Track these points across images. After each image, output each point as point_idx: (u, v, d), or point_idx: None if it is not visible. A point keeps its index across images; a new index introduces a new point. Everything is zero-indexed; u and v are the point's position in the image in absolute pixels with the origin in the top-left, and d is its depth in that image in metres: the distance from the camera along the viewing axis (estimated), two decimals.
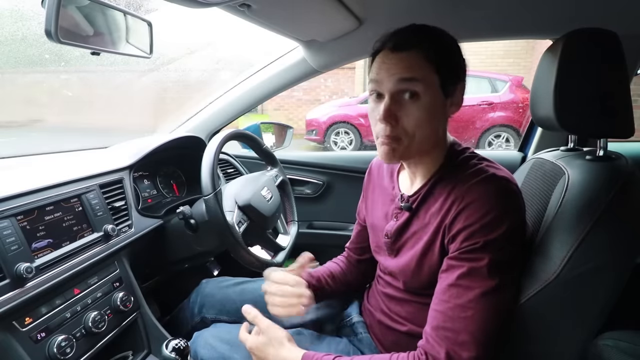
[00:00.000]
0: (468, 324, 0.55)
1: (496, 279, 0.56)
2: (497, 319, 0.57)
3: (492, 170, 0.63)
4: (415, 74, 0.62)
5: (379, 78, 0.65)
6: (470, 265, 0.57)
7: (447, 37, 0.66)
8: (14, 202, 0.71)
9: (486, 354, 0.55)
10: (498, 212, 0.58)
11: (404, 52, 0.63)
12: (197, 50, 5.30)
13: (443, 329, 0.56)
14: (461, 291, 0.57)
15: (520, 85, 5.34)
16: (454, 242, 0.60)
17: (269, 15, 0.94)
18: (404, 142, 0.65)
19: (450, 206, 0.62)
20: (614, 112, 0.62)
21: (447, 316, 0.57)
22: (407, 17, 1.02)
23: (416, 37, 0.64)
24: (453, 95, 0.66)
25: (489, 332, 0.56)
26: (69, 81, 4.31)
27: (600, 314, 0.59)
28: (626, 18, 0.99)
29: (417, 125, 0.63)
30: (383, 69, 0.64)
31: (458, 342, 0.55)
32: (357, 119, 5.96)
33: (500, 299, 0.57)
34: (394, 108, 0.63)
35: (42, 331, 0.69)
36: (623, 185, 0.58)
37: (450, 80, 0.65)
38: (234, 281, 1.08)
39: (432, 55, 0.63)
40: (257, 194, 1.07)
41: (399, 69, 0.63)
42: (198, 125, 1.49)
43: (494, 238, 0.57)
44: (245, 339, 0.74)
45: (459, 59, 0.67)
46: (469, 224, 0.58)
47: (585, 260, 0.57)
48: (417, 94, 0.62)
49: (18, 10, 2.34)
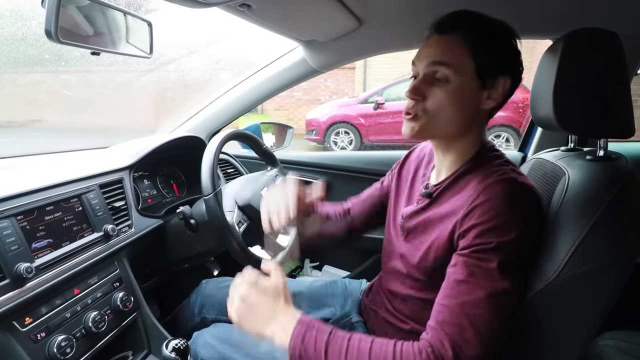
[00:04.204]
0: (475, 322, 0.54)
1: (506, 281, 0.56)
2: (503, 320, 0.56)
3: (514, 175, 0.62)
4: (447, 57, 0.64)
5: (415, 61, 0.69)
6: (482, 264, 0.57)
7: (496, 25, 0.65)
8: (14, 202, 0.71)
9: (489, 353, 0.55)
10: (511, 216, 0.57)
11: (444, 35, 0.65)
12: (197, 50, 5.30)
13: (449, 324, 0.56)
14: (471, 288, 0.56)
15: (520, 85, 5.34)
16: (465, 238, 0.60)
17: (269, 15, 0.94)
18: (421, 120, 0.67)
19: (466, 200, 0.62)
20: (614, 112, 0.62)
21: (454, 312, 0.56)
22: (407, 17, 1.02)
23: (459, 19, 0.65)
24: (492, 88, 0.65)
25: (494, 333, 0.55)
26: (69, 81, 4.31)
27: (601, 313, 0.59)
28: (626, 18, 0.99)
29: (439, 106, 0.65)
30: (421, 52, 0.68)
31: (463, 339, 0.54)
32: (357, 119, 5.96)
33: (508, 300, 0.56)
34: (423, 87, 0.66)
35: (42, 331, 0.69)
36: (623, 185, 0.58)
37: (488, 68, 0.64)
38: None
39: (469, 39, 0.63)
40: (257, 194, 1.07)
41: (433, 52, 0.66)
42: (198, 125, 1.49)
43: (506, 240, 0.56)
44: (238, 284, 0.67)
45: (506, 49, 0.65)
46: (481, 221, 0.58)
47: (585, 260, 0.57)
48: (447, 78, 0.64)
49: (18, 10, 2.34)
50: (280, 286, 0.65)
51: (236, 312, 0.64)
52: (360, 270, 1.52)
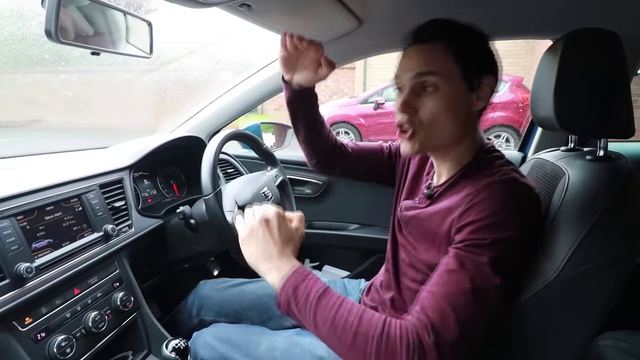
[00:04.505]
0: (458, 311, 0.55)
1: (496, 278, 0.56)
2: (487, 315, 0.56)
3: (515, 175, 0.63)
4: (433, 67, 0.64)
5: (399, 74, 0.68)
6: (474, 257, 0.57)
7: (471, 30, 0.66)
8: (14, 202, 0.71)
9: (469, 344, 0.55)
10: (508, 215, 0.57)
11: (425, 44, 0.65)
12: (197, 50, 5.30)
13: (432, 310, 0.55)
14: (459, 279, 0.56)
15: (520, 85, 5.35)
16: (461, 232, 0.60)
17: (268, 16, 0.94)
18: (420, 134, 0.66)
19: (464, 198, 0.62)
20: (614, 112, 0.62)
21: (439, 299, 0.56)
22: (407, 17, 1.02)
23: (437, 28, 0.65)
24: (479, 89, 0.66)
25: (475, 324, 0.55)
26: (69, 81, 4.31)
27: (601, 313, 0.59)
28: (626, 18, 0.99)
29: (434, 115, 0.65)
30: (403, 64, 0.67)
31: (445, 325, 0.54)
32: (357, 119, 5.97)
33: (494, 296, 0.56)
34: (413, 99, 0.65)
35: (42, 331, 0.69)
36: (623, 185, 0.58)
37: (474, 72, 0.65)
38: (232, 282, 1.07)
39: (453, 45, 0.64)
40: (257, 194, 1.07)
41: (417, 63, 0.65)
42: (198, 125, 1.49)
43: (501, 237, 0.56)
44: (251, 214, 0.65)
45: (485, 51, 0.67)
46: (478, 218, 0.58)
47: (585, 260, 0.57)
48: (436, 86, 0.64)
49: (18, 10, 2.34)
50: (296, 235, 0.65)
51: (248, 230, 0.63)
52: (360, 270, 1.52)
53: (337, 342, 0.55)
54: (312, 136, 0.92)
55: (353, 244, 1.55)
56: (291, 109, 0.89)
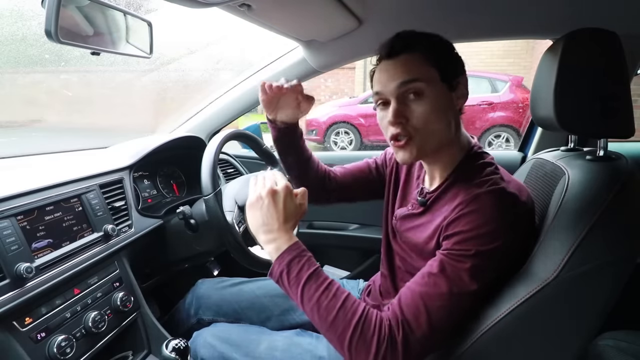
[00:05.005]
0: (431, 312, 0.58)
1: (473, 285, 0.58)
2: (458, 318, 0.60)
3: (503, 185, 0.63)
4: (417, 74, 0.65)
5: (382, 87, 0.68)
6: (455, 264, 0.59)
7: (436, 37, 0.69)
8: (14, 202, 0.71)
9: (433, 342, 0.58)
10: (495, 227, 0.58)
11: (401, 56, 0.66)
12: (197, 50, 5.29)
13: (408, 307, 0.59)
14: (438, 282, 0.59)
15: (520, 85, 5.34)
16: (447, 240, 0.61)
17: (269, 15, 0.94)
18: (416, 140, 0.67)
19: (454, 208, 0.63)
20: (614, 112, 0.62)
21: (416, 298, 0.59)
22: (407, 17, 1.02)
23: (408, 39, 0.67)
24: (457, 88, 0.68)
25: (445, 327, 0.58)
26: (69, 81, 4.31)
27: (600, 313, 0.59)
28: (626, 18, 0.99)
29: (426, 119, 0.65)
30: (384, 78, 0.68)
31: (417, 323, 0.57)
32: (357, 119, 5.96)
33: (467, 303, 0.59)
34: (402, 109, 0.66)
35: (42, 331, 0.69)
36: (623, 185, 0.58)
37: (451, 73, 0.67)
38: (230, 282, 1.07)
39: (427, 52, 0.66)
40: None
41: (398, 73, 0.66)
42: (198, 125, 1.49)
43: (486, 249, 0.58)
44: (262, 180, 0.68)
45: (454, 53, 0.70)
46: (465, 229, 0.59)
47: (585, 260, 0.57)
48: (421, 92, 0.65)
49: (18, 10, 2.34)
50: (299, 211, 0.68)
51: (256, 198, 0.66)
52: (360, 270, 1.52)
53: (318, 320, 0.60)
54: (301, 172, 0.93)
55: (353, 244, 1.55)
56: (279, 146, 0.91)
